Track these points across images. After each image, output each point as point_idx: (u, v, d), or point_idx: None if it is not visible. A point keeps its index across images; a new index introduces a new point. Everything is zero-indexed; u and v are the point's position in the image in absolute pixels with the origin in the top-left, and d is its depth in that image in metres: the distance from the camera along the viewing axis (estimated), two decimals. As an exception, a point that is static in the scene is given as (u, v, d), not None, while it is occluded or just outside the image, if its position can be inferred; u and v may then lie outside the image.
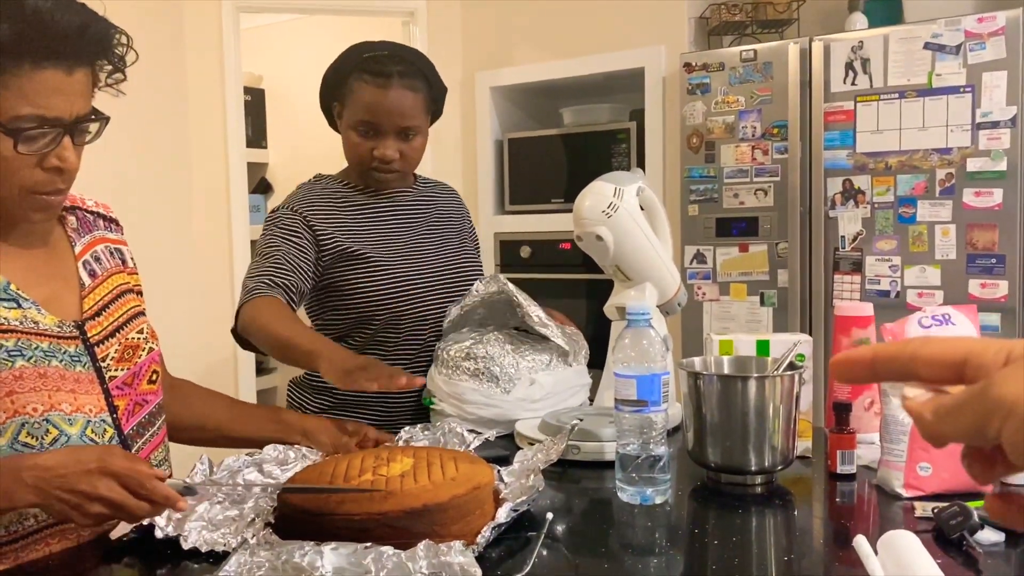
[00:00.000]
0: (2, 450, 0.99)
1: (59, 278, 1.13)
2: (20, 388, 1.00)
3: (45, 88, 0.97)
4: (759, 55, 2.80)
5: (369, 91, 1.56)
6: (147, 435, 1.16)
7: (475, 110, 3.53)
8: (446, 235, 1.75)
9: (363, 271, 1.60)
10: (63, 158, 1.01)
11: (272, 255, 1.54)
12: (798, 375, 1.19)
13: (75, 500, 0.90)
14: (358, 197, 1.68)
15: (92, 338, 1.11)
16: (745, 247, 2.83)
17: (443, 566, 0.84)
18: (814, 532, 1.09)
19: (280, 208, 1.64)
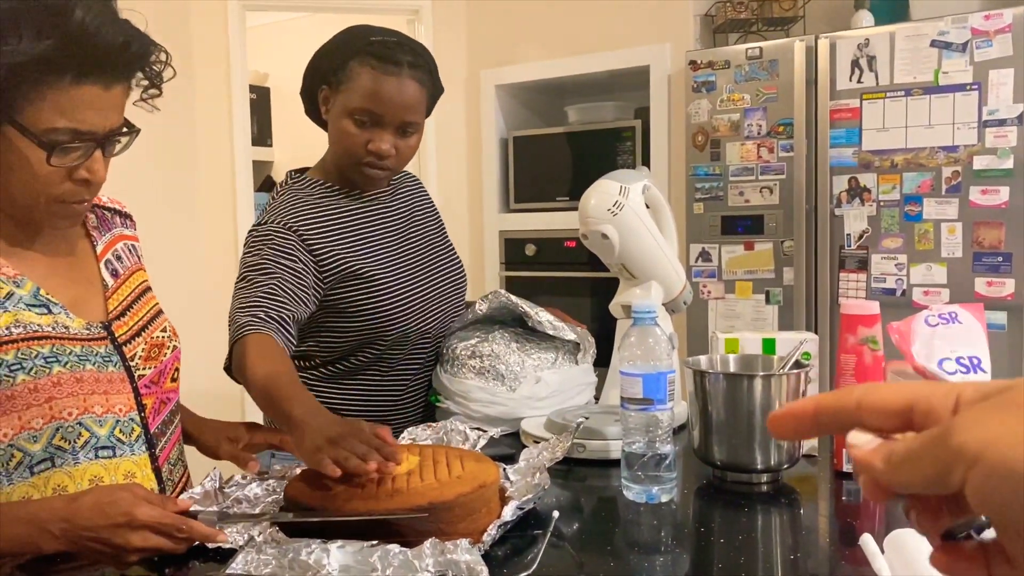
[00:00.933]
0: (36, 454, 1.00)
1: (83, 280, 1.13)
2: (59, 394, 1.01)
3: (82, 103, 0.97)
4: (765, 53, 2.79)
5: (375, 77, 1.41)
6: (168, 433, 1.17)
7: (480, 108, 3.53)
8: (429, 235, 1.67)
9: (366, 291, 1.49)
10: (92, 171, 1.02)
11: (265, 284, 1.35)
12: (804, 373, 1.19)
13: (110, 551, 0.88)
14: (342, 201, 1.54)
15: (120, 338, 1.11)
16: (751, 245, 2.83)
17: (449, 564, 0.85)
18: (820, 531, 1.09)
19: (267, 221, 1.45)
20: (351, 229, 1.53)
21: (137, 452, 1.09)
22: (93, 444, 1.04)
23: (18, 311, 1.02)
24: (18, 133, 0.96)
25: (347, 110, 1.44)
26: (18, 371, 0.99)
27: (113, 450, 1.06)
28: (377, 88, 1.41)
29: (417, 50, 1.48)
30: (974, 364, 1.12)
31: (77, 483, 1.02)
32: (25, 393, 0.99)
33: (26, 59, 0.92)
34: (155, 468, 1.11)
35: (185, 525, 0.90)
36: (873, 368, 1.37)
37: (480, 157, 3.56)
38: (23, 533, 0.89)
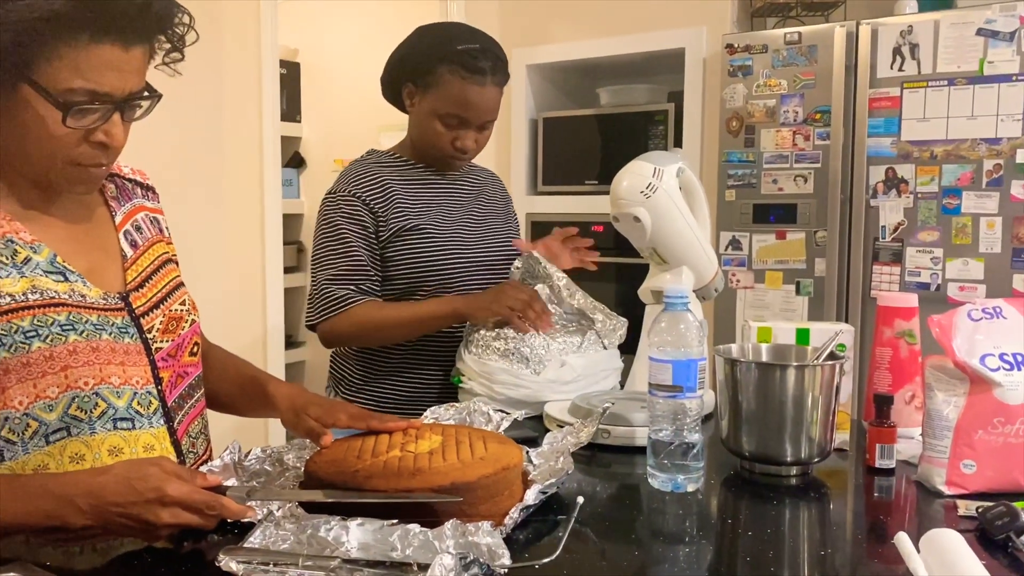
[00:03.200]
0: (52, 423, 0.98)
1: (100, 249, 1.11)
2: (74, 363, 0.99)
3: (100, 63, 0.94)
4: (803, 38, 2.73)
5: (463, 87, 1.56)
6: (187, 407, 1.14)
7: (510, 88, 3.48)
8: (491, 217, 1.76)
9: (414, 243, 1.61)
10: (111, 134, 0.99)
11: (348, 254, 1.58)
12: (839, 365, 1.16)
13: (140, 527, 0.87)
14: (411, 172, 1.68)
15: (137, 309, 1.09)
16: (782, 234, 2.78)
17: (470, 546, 0.83)
18: (850, 527, 1.06)
19: (337, 191, 1.63)
20: (413, 192, 1.66)
21: (156, 425, 1.07)
22: (111, 415, 1.02)
23: (35, 277, 1.00)
24: (34, 92, 0.93)
25: (436, 112, 1.59)
26: (33, 338, 0.97)
27: (132, 422, 1.04)
28: (465, 96, 1.57)
29: (498, 54, 1.63)
30: (1018, 361, 1.08)
31: (95, 452, 1.00)
32: (40, 361, 0.97)
33: (42, 14, 0.89)
34: (174, 441, 1.10)
35: (216, 502, 0.88)
36: (909, 362, 1.33)
37: (509, 138, 3.52)
38: (50, 507, 0.87)
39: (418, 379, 1.64)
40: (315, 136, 4.46)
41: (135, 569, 0.87)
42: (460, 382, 1.54)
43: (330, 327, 1.57)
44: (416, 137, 1.66)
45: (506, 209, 1.83)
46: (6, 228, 1.01)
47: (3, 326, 0.96)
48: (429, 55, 1.59)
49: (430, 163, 1.69)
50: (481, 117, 1.60)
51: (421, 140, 1.65)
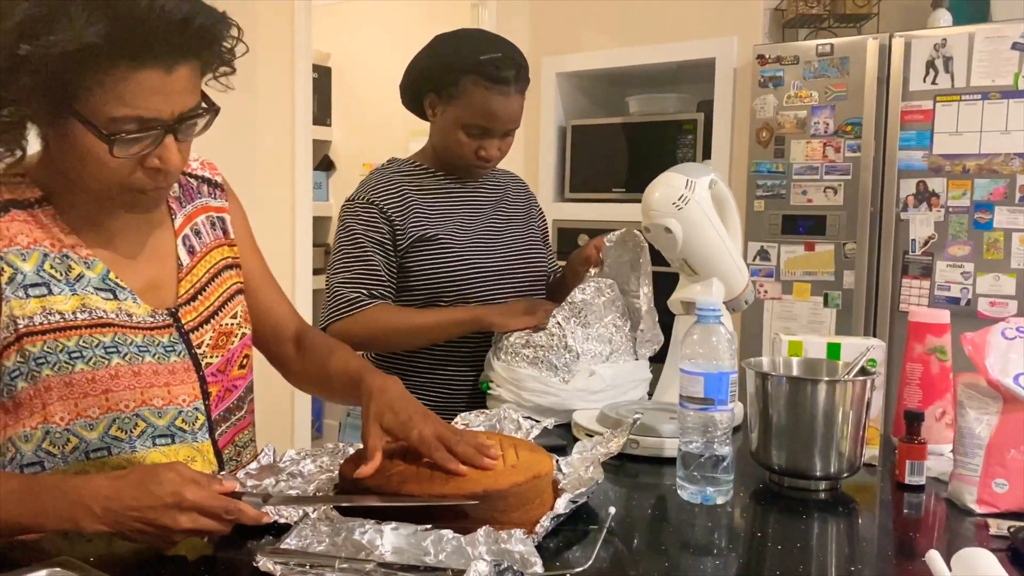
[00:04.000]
0: (92, 442, 0.99)
1: (156, 259, 1.09)
2: (115, 387, 0.99)
3: (143, 89, 0.90)
4: (836, 49, 2.72)
5: (487, 97, 1.56)
6: (232, 419, 1.14)
7: (540, 95, 3.51)
8: (514, 221, 1.75)
9: (434, 252, 1.61)
10: (164, 158, 0.95)
11: (362, 258, 1.58)
12: (870, 381, 1.16)
13: (156, 532, 0.86)
14: (431, 181, 1.68)
15: (187, 325, 1.08)
16: (811, 246, 2.77)
17: (503, 553, 0.84)
18: (880, 543, 1.06)
19: (356, 198, 1.64)
20: (433, 201, 1.66)
21: (200, 439, 1.07)
22: (150, 433, 1.02)
23: (86, 295, 1.00)
24: (80, 124, 0.90)
25: (460, 123, 1.59)
26: (77, 359, 0.98)
27: (172, 438, 1.04)
28: (489, 107, 1.57)
29: (519, 61, 1.61)
30: (1052, 381, 1.08)
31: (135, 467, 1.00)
32: (83, 382, 0.98)
33: (76, 47, 0.86)
34: (216, 452, 1.10)
35: (233, 507, 0.87)
36: (940, 378, 1.33)
37: (537, 145, 3.54)
38: (63, 510, 0.86)
39: (446, 385, 1.65)
40: (345, 140, 4.50)
41: (175, 567, 0.89)
42: (489, 388, 1.55)
43: (341, 329, 1.56)
44: (439, 146, 1.66)
45: (529, 212, 1.82)
46: (64, 242, 1.01)
47: (50, 344, 0.97)
48: (451, 66, 1.58)
49: (452, 171, 1.69)
50: (505, 126, 1.60)
51: (444, 149, 1.65)
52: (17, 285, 0.96)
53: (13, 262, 0.97)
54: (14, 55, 0.86)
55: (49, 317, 0.97)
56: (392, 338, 1.59)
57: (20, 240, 0.98)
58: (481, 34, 1.70)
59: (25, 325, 0.96)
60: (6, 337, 0.96)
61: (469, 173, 1.69)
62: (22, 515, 0.88)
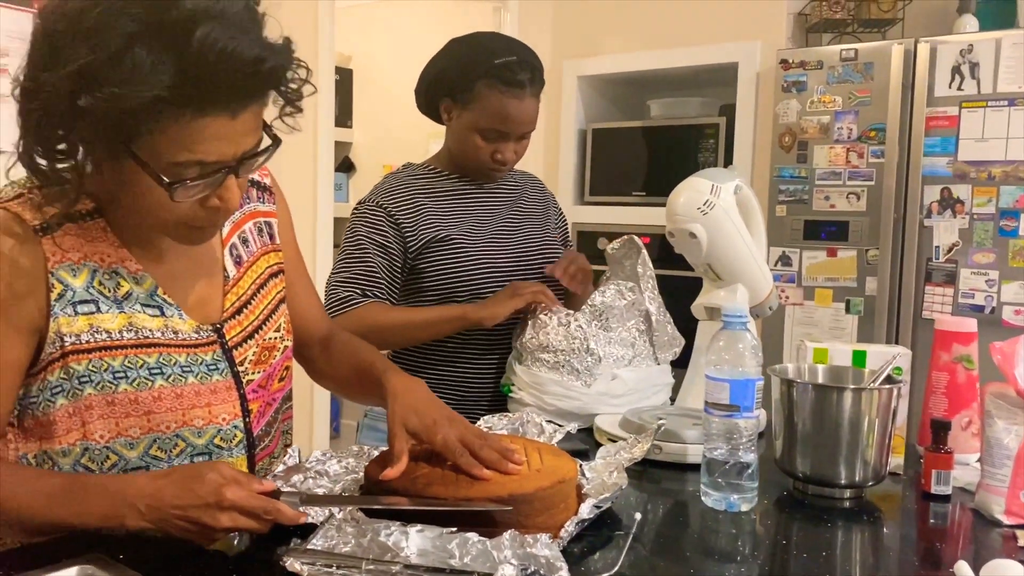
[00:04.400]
0: (132, 460, 0.99)
1: (204, 273, 1.08)
2: (158, 408, 0.99)
3: (206, 135, 0.86)
4: (860, 55, 2.71)
5: (502, 101, 1.56)
6: (272, 431, 1.14)
7: (561, 99, 3.51)
8: (530, 221, 1.75)
9: (448, 253, 1.61)
10: (225, 199, 0.93)
11: (362, 260, 1.59)
12: (896, 389, 1.15)
13: (197, 530, 0.87)
14: (446, 184, 1.69)
15: (231, 340, 1.07)
16: (833, 252, 2.75)
17: (528, 558, 0.84)
18: (906, 553, 1.05)
19: (366, 201, 1.65)
20: (446, 204, 1.66)
21: (236, 455, 1.07)
22: (189, 452, 1.02)
23: (132, 313, 0.99)
24: (139, 167, 0.87)
25: (475, 127, 1.59)
26: (121, 379, 0.97)
27: (210, 455, 1.04)
28: (504, 110, 1.57)
29: (534, 63, 1.61)
30: (1082, 392, 1.07)
31: None
32: (125, 402, 0.97)
33: (143, 101, 0.81)
34: (251, 467, 1.10)
35: (272, 507, 0.88)
36: (967, 387, 1.32)
37: (557, 148, 3.54)
38: (108, 508, 0.88)
39: (467, 387, 1.65)
40: (365, 141, 4.52)
41: (204, 565, 0.90)
42: (510, 392, 1.55)
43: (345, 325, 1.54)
44: (455, 150, 1.66)
45: (546, 212, 1.81)
46: (114, 257, 0.99)
47: (95, 363, 0.96)
48: (466, 70, 1.57)
49: (468, 174, 1.69)
50: (520, 129, 1.60)
51: (460, 153, 1.65)
52: (67, 302, 0.95)
53: (64, 278, 0.95)
54: (73, 106, 0.82)
55: (96, 335, 0.96)
56: (383, 335, 1.56)
57: (71, 256, 0.96)
58: (495, 37, 1.69)
59: (72, 343, 0.95)
60: (51, 353, 0.95)
61: (485, 176, 1.69)
62: (66, 513, 0.90)
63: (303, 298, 1.27)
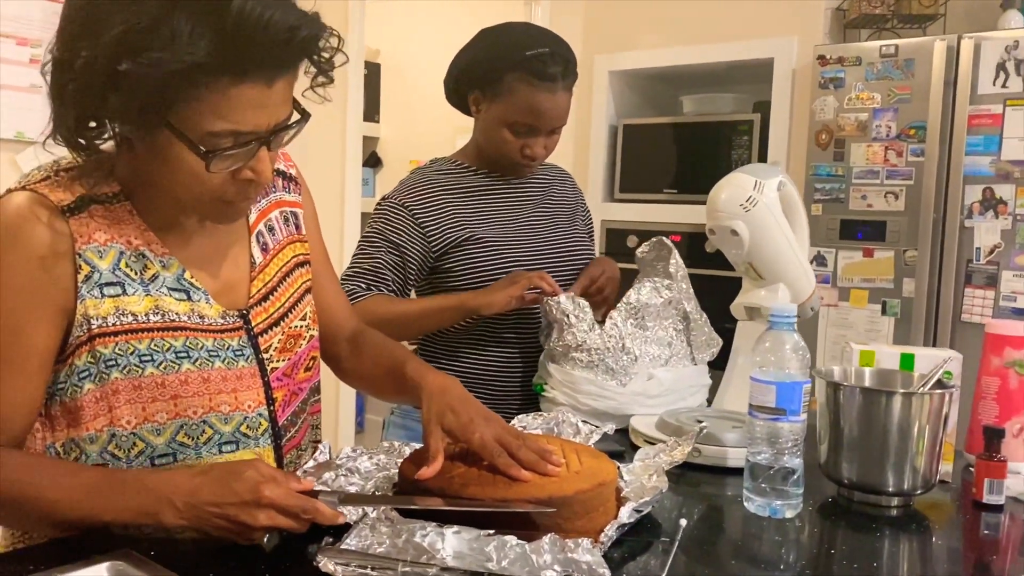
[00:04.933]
0: (159, 447, 0.97)
1: (230, 259, 1.07)
2: (184, 393, 0.98)
3: (242, 103, 0.87)
4: (900, 51, 2.65)
5: (533, 94, 1.51)
6: (299, 423, 1.12)
7: (591, 94, 3.47)
8: (559, 217, 1.72)
9: (475, 254, 1.58)
10: (257, 171, 0.93)
11: (371, 256, 1.57)
12: (949, 394, 1.11)
13: (236, 528, 0.86)
14: (473, 180, 1.65)
15: (256, 327, 1.06)
16: (870, 252, 2.69)
17: (569, 563, 0.81)
18: (957, 565, 1.01)
19: (388, 198, 1.62)
20: (473, 201, 1.63)
21: (262, 445, 1.05)
22: (217, 441, 1.01)
23: (159, 296, 0.98)
24: (174, 138, 0.87)
25: (505, 121, 1.55)
26: (148, 363, 0.96)
27: (237, 444, 1.03)
28: (535, 104, 1.52)
29: (567, 56, 1.56)
30: None
31: None
32: (152, 386, 0.96)
33: (181, 66, 0.82)
34: (278, 458, 1.08)
35: (311, 506, 0.87)
36: (1019, 393, 1.27)
37: (588, 144, 3.50)
38: (146, 504, 0.87)
39: (497, 386, 1.62)
40: (393, 136, 4.51)
41: (235, 563, 0.88)
42: (543, 390, 1.52)
43: None
44: (483, 144, 1.62)
45: (574, 207, 1.77)
46: (140, 240, 0.98)
47: (121, 346, 0.95)
48: (496, 63, 1.53)
49: (496, 169, 1.65)
50: (551, 124, 1.55)
51: (489, 148, 1.61)
52: (93, 284, 0.94)
53: (91, 260, 0.94)
54: (113, 71, 0.82)
55: (122, 318, 0.95)
56: (385, 328, 1.49)
57: (98, 237, 0.95)
58: (527, 28, 1.65)
59: (99, 326, 0.94)
60: (79, 336, 0.94)
61: (514, 171, 1.65)
62: (102, 508, 0.89)
63: (330, 293, 1.25)
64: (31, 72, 2.37)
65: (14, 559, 0.90)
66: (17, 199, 0.93)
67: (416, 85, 4.30)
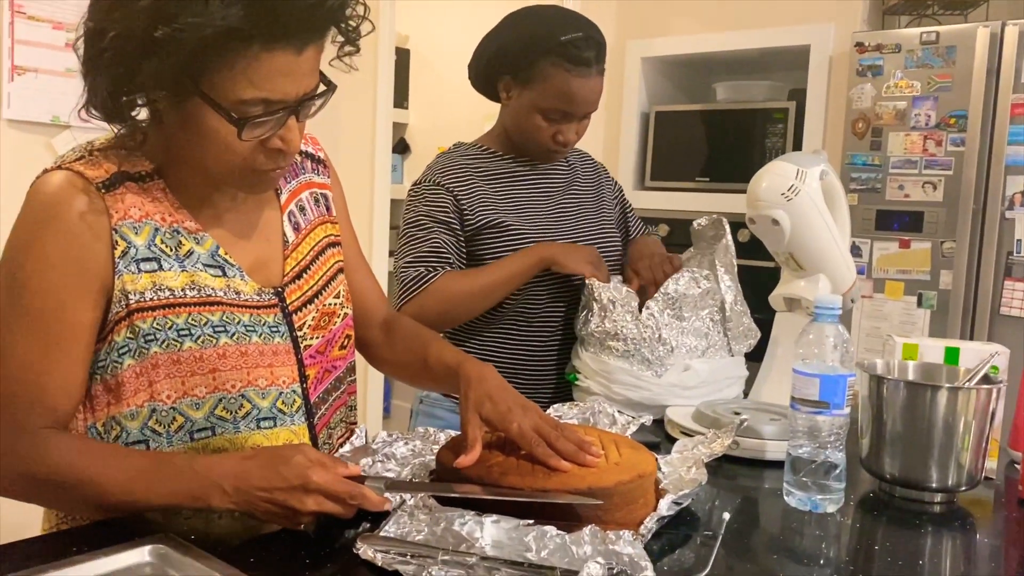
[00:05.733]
0: (198, 422, 0.98)
1: (263, 237, 1.08)
2: (223, 366, 0.99)
3: (272, 71, 0.88)
4: (941, 38, 2.59)
5: (567, 80, 1.49)
6: (331, 400, 1.12)
7: (623, 80, 3.44)
8: (586, 203, 1.70)
9: (503, 240, 1.57)
10: (286, 139, 0.94)
11: (426, 239, 1.53)
12: (996, 389, 1.09)
13: (283, 512, 0.87)
14: (499, 165, 1.64)
15: (291, 304, 1.07)
16: (907, 243, 2.65)
17: (610, 555, 0.80)
18: (1001, 563, 0.99)
19: (422, 181, 1.60)
20: (500, 187, 1.61)
21: (297, 422, 1.06)
22: (255, 416, 1.01)
23: (195, 272, 0.99)
24: (206, 106, 0.89)
25: (538, 108, 1.53)
26: (186, 337, 0.97)
27: (274, 420, 1.03)
28: (570, 91, 1.50)
29: (599, 40, 1.54)
30: None
31: (237, 448, 1.00)
32: (190, 360, 0.97)
33: (214, 31, 0.84)
34: (312, 436, 1.09)
35: (358, 491, 0.87)
36: (1066, 390, 1.24)
37: (619, 131, 3.47)
38: (196, 488, 0.88)
39: (529, 375, 1.61)
40: (421, 123, 4.50)
41: (275, 550, 0.88)
42: (576, 380, 1.51)
43: (417, 308, 1.49)
44: (512, 130, 1.60)
45: (599, 190, 1.75)
46: (174, 217, 1.00)
47: (159, 321, 0.96)
48: (529, 47, 1.50)
49: (524, 155, 1.63)
50: (585, 109, 1.53)
51: (519, 133, 1.59)
52: (130, 259, 0.95)
53: (127, 235, 0.95)
54: (148, 38, 0.84)
55: (159, 293, 0.96)
56: (470, 302, 1.53)
57: (132, 213, 0.96)
58: (558, 11, 1.61)
59: (136, 301, 0.95)
60: (118, 312, 0.95)
61: (544, 157, 1.63)
62: (152, 492, 0.89)
63: (362, 278, 1.25)
64: (67, 56, 2.39)
65: (58, 540, 0.91)
66: (54, 178, 0.95)
67: (445, 71, 4.29)
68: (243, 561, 0.81)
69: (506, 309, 1.58)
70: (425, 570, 0.78)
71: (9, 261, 0.95)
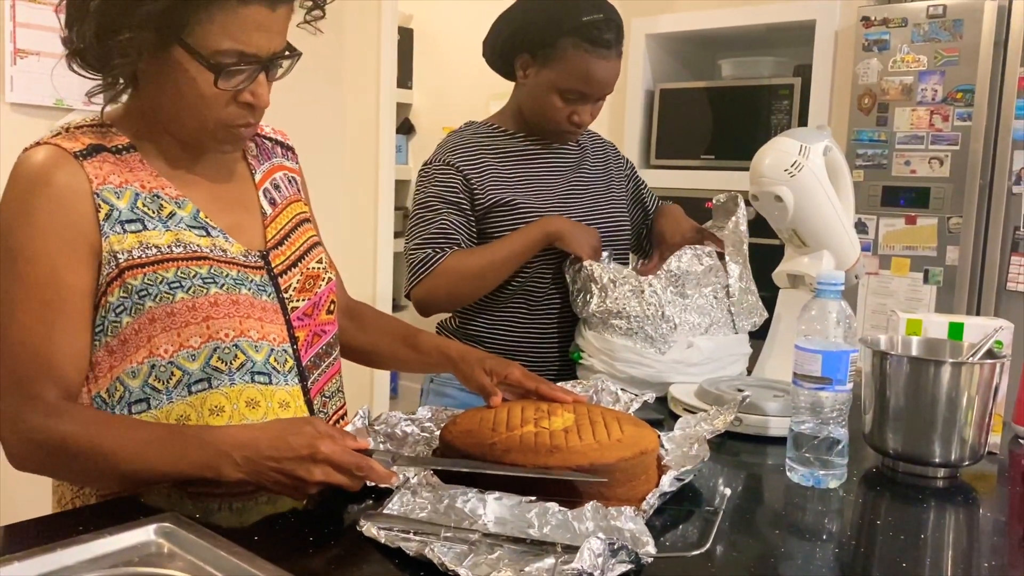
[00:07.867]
0: (195, 373, 1.01)
1: (242, 207, 1.13)
2: (216, 314, 1.02)
3: (248, 24, 0.96)
4: (948, 11, 2.56)
5: (587, 61, 1.49)
6: (323, 366, 1.15)
7: (628, 57, 3.40)
8: (596, 182, 1.70)
9: (516, 219, 1.57)
10: (257, 94, 1.01)
11: (434, 220, 1.54)
12: (1000, 364, 1.08)
13: (291, 483, 0.88)
14: (510, 143, 1.64)
15: (276, 268, 1.11)
16: (912, 219, 2.63)
17: (612, 531, 0.81)
18: (1004, 537, 0.99)
19: (432, 161, 1.60)
20: (511, 165, 1.61)
21: (290, 383, 1.08)
22: (249, 368, 1.04)
23: (179, 231, 1.03)
24: (186, 55, 0.95)
25: (556, 88, 1.52)
26: (177, 289, 1.00)
27: (269, 377, 1.06)
28: (589, 72, 1.50)
29: (618, 21, 1.54)
30: None
31: (233, 403, 1.02)
32: (184, 311, 1.00)
33: None
34: (307, 400, 1.11)
35: (365, 464, 0.88)
36: (1071, 364, 1.24)
37: (624, 109, 3.45)
38: (206, 458, 0.90)
39: (535, 355, 1.61)
40: (425, 103, 4.48)
41: (279, 529, 0.89)
42: (580, 359, 1.51)
43: (426, 290, 1.52)
44: (527, 109, 1.60)
45: (607, 168, 1.75)
46: (153, 184, 1.04)
47: (150, 276, 1.00)
48: (550, 27, 1.50)
49: (536, 134, 1.63)
50: (603, 91, 1.54)
51: (534, 112, 1.59)
52: (114, 221, 1.00)
53: (109, 199, 1.00)
54: None
55: (146, 251, 1.00)
56: (480, 280, 1.55)
57: (112, 180, 1.01)
58: None
59: (125, 259, 0.99)
60: (109, 272, 0.99)
61: (557, 137, 1.63)
62: (164, 462, 0.92)
63: None
64: (69, 39, 2.38)
65: (64, 519, 0.92)
66: (37, 152, 1.01)
67: (449, 51, 4.26)
68: (248, 539, 0.82)
69: (511, 289, 1.58)
70: (428, 547, 0.79)
71: (2, 236, 0.98)
